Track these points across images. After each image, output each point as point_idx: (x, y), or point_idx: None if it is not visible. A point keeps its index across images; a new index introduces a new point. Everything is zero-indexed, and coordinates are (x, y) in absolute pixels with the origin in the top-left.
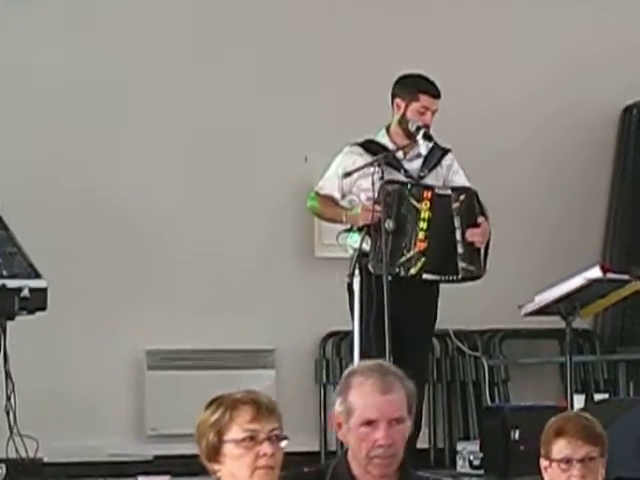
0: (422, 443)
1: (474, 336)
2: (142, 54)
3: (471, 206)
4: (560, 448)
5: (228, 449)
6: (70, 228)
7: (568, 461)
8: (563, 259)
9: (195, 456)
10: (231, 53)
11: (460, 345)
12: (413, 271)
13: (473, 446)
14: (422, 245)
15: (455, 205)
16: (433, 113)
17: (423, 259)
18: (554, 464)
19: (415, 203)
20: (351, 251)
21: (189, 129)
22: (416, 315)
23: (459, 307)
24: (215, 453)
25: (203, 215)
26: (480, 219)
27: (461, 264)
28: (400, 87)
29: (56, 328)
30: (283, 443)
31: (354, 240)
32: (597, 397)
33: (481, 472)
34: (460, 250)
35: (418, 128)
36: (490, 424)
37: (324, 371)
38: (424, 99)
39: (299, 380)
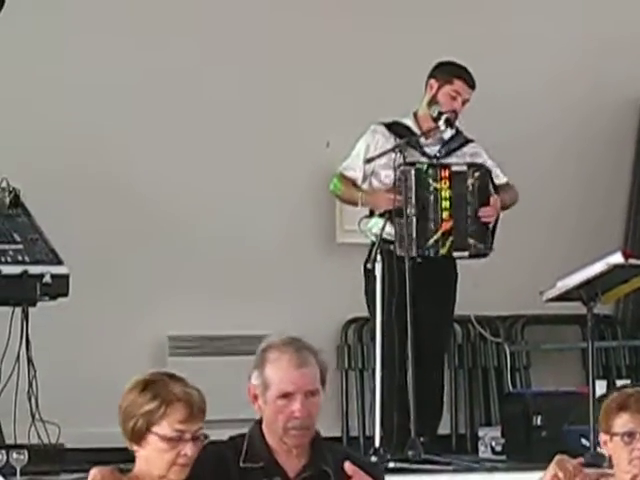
0: (444, 429)
1: (496, 322)
2: (165, 39)
3: (485, 183)
4: (623, 422)
5: (153, 440)
6: (92, 214)
7: (631, 434)
8: (585, 245)
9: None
10: (253, 39)
11: (482, 331)
12: (443, 251)
13: (495, 432)
14: (448, 224)
15: (470, 181)
16: (464, 102)
17: (450, 238)
18: (615, 438)
19: (434, 184)
20: (372, 237)
21: (210, 114)
22: (435, 299)
23: (481, 293)
24: (139, 438)
25: (225, 201)
26: (492, 197)
27: (470, 240)
28: (438, 69)
29: (78, 314)
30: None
31: (375, 226)
32: (619, 383)
33: (503, 458)
34: (471, 227)
35: (440, 114)
36: (512, 410)
37: (345, 357)
38: (458, 84)
39: None
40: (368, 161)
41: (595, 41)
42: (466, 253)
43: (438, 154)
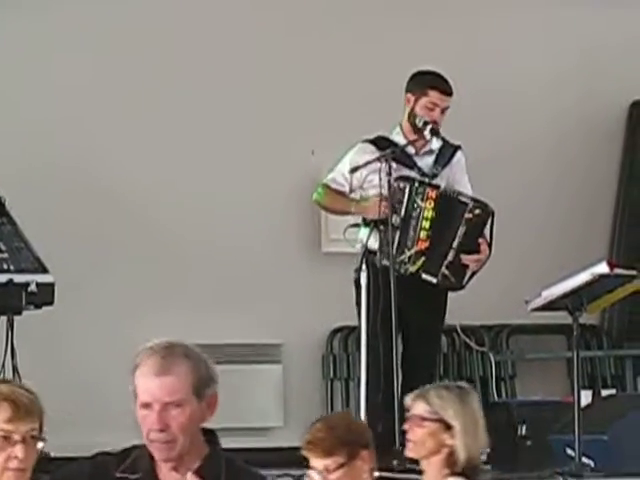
0: None
1: (481, 331)
2: (153, 43)
3: (482, 223)
4: None
5: None
6: (78, 222)
7: None
8: (570, 254)
9: None
10: (241, 46)
11: (467, 340)
12: (412, 269)
13: None
14: (423, 244)
15: (468, 215)
16: (443, 111)
17: (423, 258)
18: None
19: (420, 202)
20: (358, 246)
21: (196, 122)
22: (424, 311)
23: (466, 302)
24: None
25: (210, 210)
26: (482, 243)
27: (444, 270)
28: (412, 82)
29: (63, 323)
30: (39, 444)
31: (363, 235)
32: (604, 393)
33: (488, 467)
34: (449, 258)
35: (425, 123)
36: (497, 419)
37: (331, 366)
38: (433, 95)
39: (306, 375)
40: (352, 171)
41: (580, 52)
42: (434, 280)
43: (435, 170)
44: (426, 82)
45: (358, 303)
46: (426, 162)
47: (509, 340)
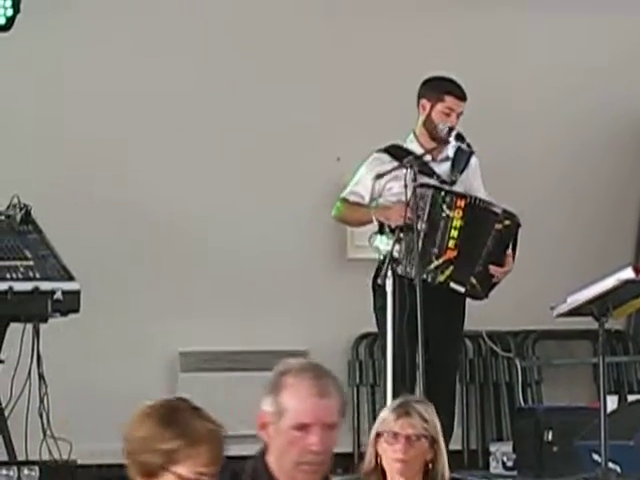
0: (455, 444)
1: (507, 337)
2: (178, 53)
3: (509, 234)
4: None
5: (168, 478)
6: (103, 231)
7: None
8: (595, 260)
9: (228, 457)
10: (265, 55)
11: (493, 346)
12: (441, 279)
13: (506, 447)
14: (452, 253)
15: (497, 226)
16: (458, 116)
17: (451, 267)
18: None
19: (447, 211)
20: (377, 254)
21: (222, 131)
22: (444, 318)
23: (492, 308)
24: (149, 473)
25: (235, 217)
26: (509, 255)
27: (472, 280)
28: (426, 88)
29: (89, 330)
30: None
31: (382, 242)
32: (630, 398)
33: (514, 473)
34: (478, 268)
35: (450, 130)
36: (523, 425)
37: (357, 373)
38: (449, 100)
39: None
40: (378, 177)
41: (602, 58)
42: (463, 289)
43: (453, 177)
44: (442, 88)
45: (378, 309)
46: (443, 169)
47: (535, 346)
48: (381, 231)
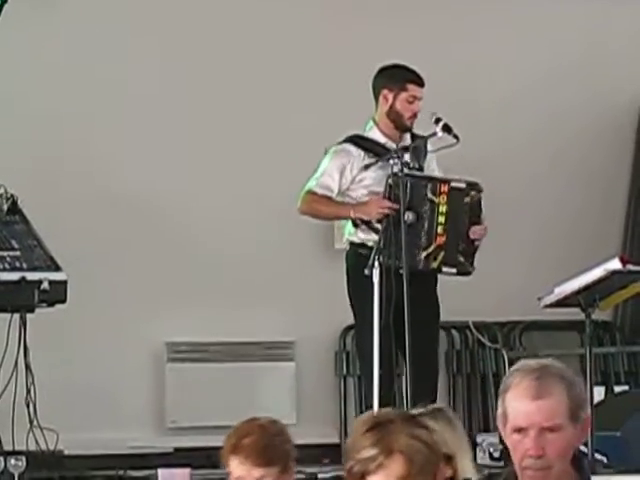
0: None
1: (494, 328)
2: (170, 47)
3: (478, 202)
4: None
5: None
6: (89, 221)
7: None
8: (583, 251)
9: (215, 448)
10: (258, 46)
11: (480, 337)
12: (434, 265)
13: (493, 438)
14: (442, 239)
15: (466, 199)
16: (419, 101)
17: (442, 253)
18: None
19: (432, 197)
20: (346, 244)
21: (209, 123)
22: (422, 307)
23: (479, 299)
24: None
25: (225, 209)
26: (483, 217)
27: (460, 258)
28: (386, 78)
29: (76, 321)
30: None
31: (349, 232)
32: (617, 389)
33: (501, 464)
34: (462, 245)
35: (438, 120)
36: None
37: (344, 363)
38: (412, 88)
39: (319, 372)
40: (366, 167)
41: (591, 47)
42: (454, 270)
43: (421, 164)
44: (403, 77)
45: (354, 300)
46: (406, 157)
47: (522, 337)
48: (354, 224)
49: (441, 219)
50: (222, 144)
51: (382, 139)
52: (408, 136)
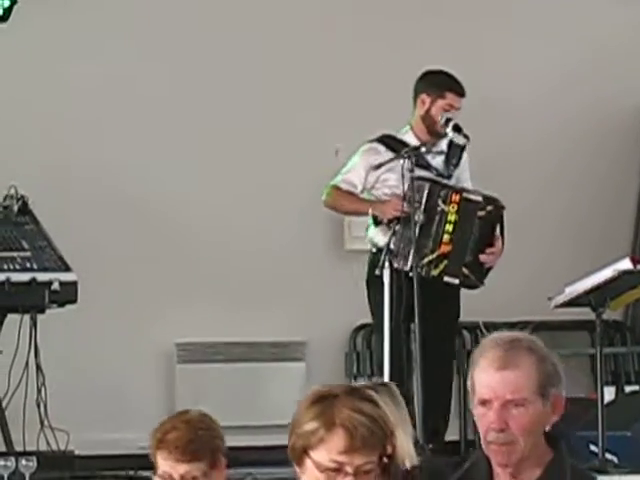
0: (452, 435)
1: (504, 328)
2: (174, 48)
3: (494, 219)
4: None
5: (310, 466)
6: (100, 222)
7: None
8: (593, 251)
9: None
10: (262, 45)
11: None
12: (435, 273)
13: None
14: (446, 248)
15: (480, 213)
16: (456, 111)
17: (445, 262)
18: None
19: (442, 205)
20: (369, 245)
21: (219, 121)
22: (440, 311)
23: (489, 299)
24: (297, 459)
25: (233, 209)
26: (497, 238)
27: (465, 270)
28: (426, 83)
29: (86, 321)
30: None
31: (373, 233)
32: (628, 389)
33: None
34: (468, 258)
35: (448, 120)
36: None
37: (354, 364)
38: (451, 97)
39: (329, 373)
40: (377, 167)
41: (597, 50)
42: (457, 281)
43: (449, 171)
44: (443, 84)
45: (371, 301)
46: (437, 162)
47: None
48: (375, 223)
49: (448, 227)
50: (231, 144)
51: (415, 142)
52: (444, 143)
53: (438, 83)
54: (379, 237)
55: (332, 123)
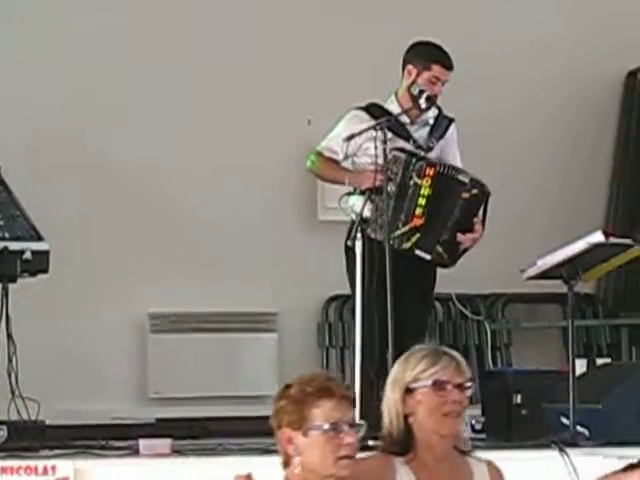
0: None
1: (477, 300)
2: (156, 24)
3: (478, 203)
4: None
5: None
6: (72, 190)
7: None
8: (566, 223)
9: (197, 419)
10: (236, 12)
11: (463, 309)
12: (406, 245)
13: (475, 410)
14: (418, 221)
15: (465, 195)
16: (443, 84)
17: (417, 235)
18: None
19: (416, 178)
20: (353, 215)
21: (192, 92)
22: (415, 281)
23: (462, 271)
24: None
25: (205, 178)
26: (477, 223)
27: (438, 248)
28: (414, 54)
29: (58, 291)
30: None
31: (354, 203)
32: (599, 361)
33: (483, 436)
34: (444, 236)
35: (421, 92)
36: (492, 388)
37: (326, 335)
38: (437, 69)
39: (301, 343)
40: (348, 139)
41: (575, 19)
42: (429, 257)
43: (430, 144)
44: (430, 56)
45: (349, 271)
46: (421, 134)
47: (505, 309)
48: (352, 192)
49: (421, 201)
50: (202, 115)
51: (397, 110)
52: (432, 114)
53: (425, 55)
54: (360, 205)
55: (304, 93)
